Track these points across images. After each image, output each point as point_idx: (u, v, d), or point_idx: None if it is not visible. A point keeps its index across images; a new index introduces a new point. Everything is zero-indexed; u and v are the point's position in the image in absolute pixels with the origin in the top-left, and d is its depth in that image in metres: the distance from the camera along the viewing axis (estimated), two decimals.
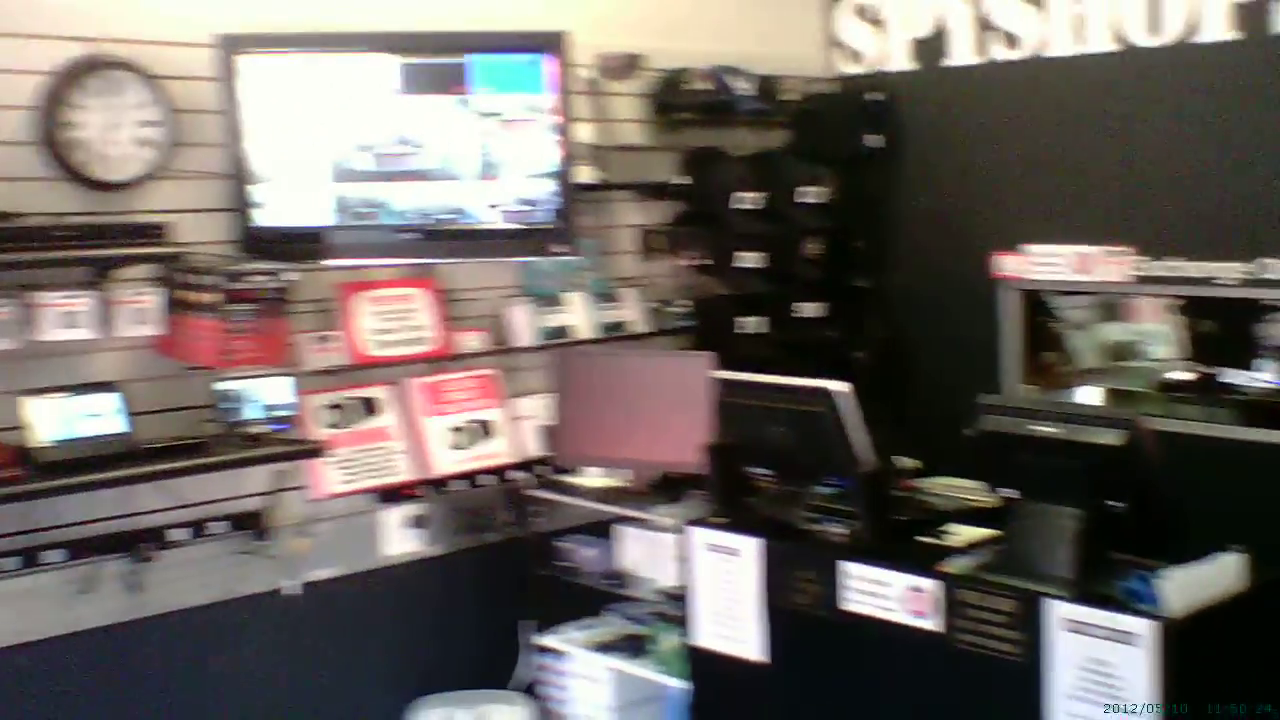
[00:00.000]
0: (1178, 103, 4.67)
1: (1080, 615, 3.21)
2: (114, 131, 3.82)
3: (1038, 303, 5.15)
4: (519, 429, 4.59)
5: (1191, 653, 3.12)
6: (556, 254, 4.34)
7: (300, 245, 4.09)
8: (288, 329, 4.00)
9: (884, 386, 5.27)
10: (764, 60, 5.20)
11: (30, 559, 3.72)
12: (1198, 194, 4.62)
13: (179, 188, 3.96)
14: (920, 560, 3.55)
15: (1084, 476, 3.36)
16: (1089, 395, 5.22)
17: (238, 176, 4.04)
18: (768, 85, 5.18)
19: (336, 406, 4.24)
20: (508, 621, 4.61)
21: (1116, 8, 4.79)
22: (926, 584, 3.47)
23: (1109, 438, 3.32)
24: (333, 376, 4.23)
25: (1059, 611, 3.24)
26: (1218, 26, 4.55)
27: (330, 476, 4.17)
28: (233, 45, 4.00)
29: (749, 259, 5.02)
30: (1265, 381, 4.74)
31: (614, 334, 4.81)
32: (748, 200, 5.00)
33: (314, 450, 4.00)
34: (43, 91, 3.70)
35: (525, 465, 4.59)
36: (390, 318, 4.33)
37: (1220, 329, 4.95)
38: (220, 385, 3.86)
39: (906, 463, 4.23)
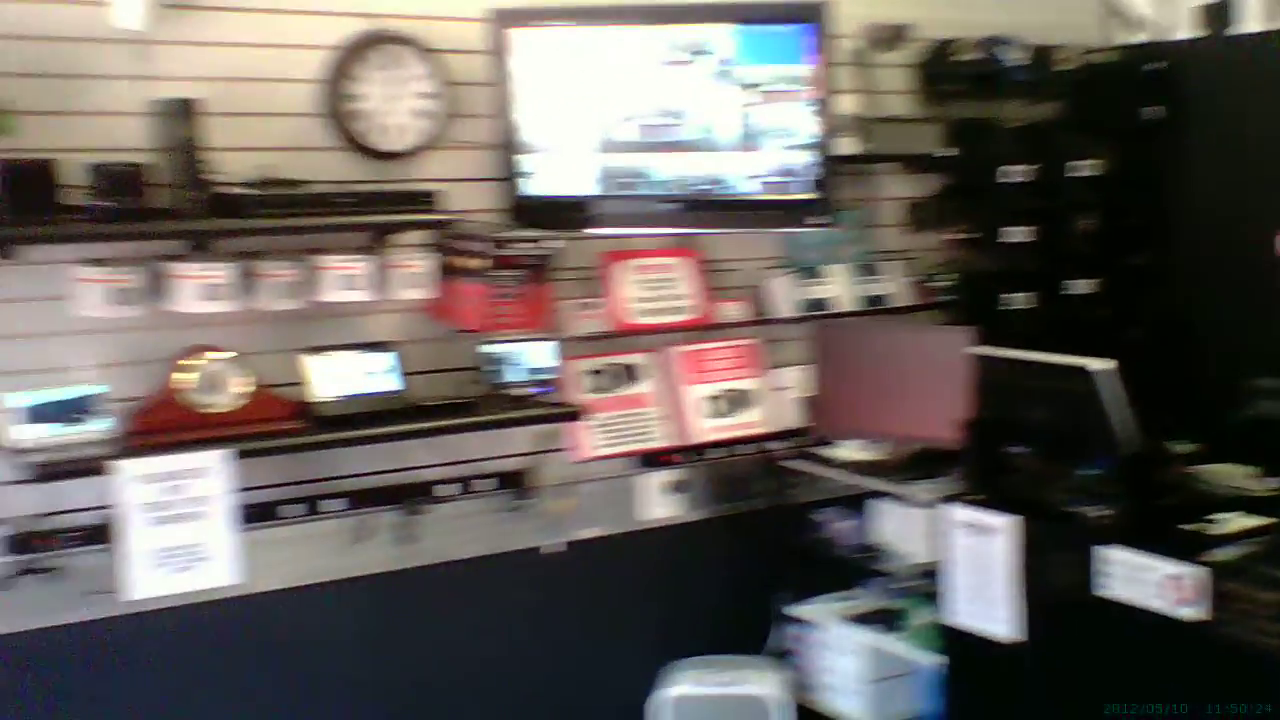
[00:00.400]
0: None
1: None
2: (393, 103, 3.98)
3: None
4: (777, 399, 4.62)
5: None
6: (814, 226, 4.31)
7: (565, 214, 4.19)
8: (552, 295, 4.11)
9: (1158, 368, 5.08)
10: (1038, 29, 5.06)
11: (311, 507, 3.95)
12: None
13: (452, 157, 4.11)
14: (1183, 547, 3.43)
15: None
16: None
17: (507, 147, 4.16)
18: (1041, 55, 5.03)
19: (598, 372, 4.35)
20: (762, 589, 4.65)
21: None
22: (1189, 572, 3.35)
23: None
24: (595, 342, 4.33)
25: None
26: None
27: (591, 440, 4.28)
28: (506, 19, 4.11)
29: (1017, 233, 4.90)
30: None
31: (875, 307, 4.77)
32: (1017, 173, 4.88)
33: (575, 413, 4.11)
34: (328, 65, 3.88)
35: (783, 435, 4.61)
36: (652, 286, 4.41)
37: None
38: (486, 348, 3.99)
39: (1178, 447, 4.09)
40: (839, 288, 4.72)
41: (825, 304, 4.68)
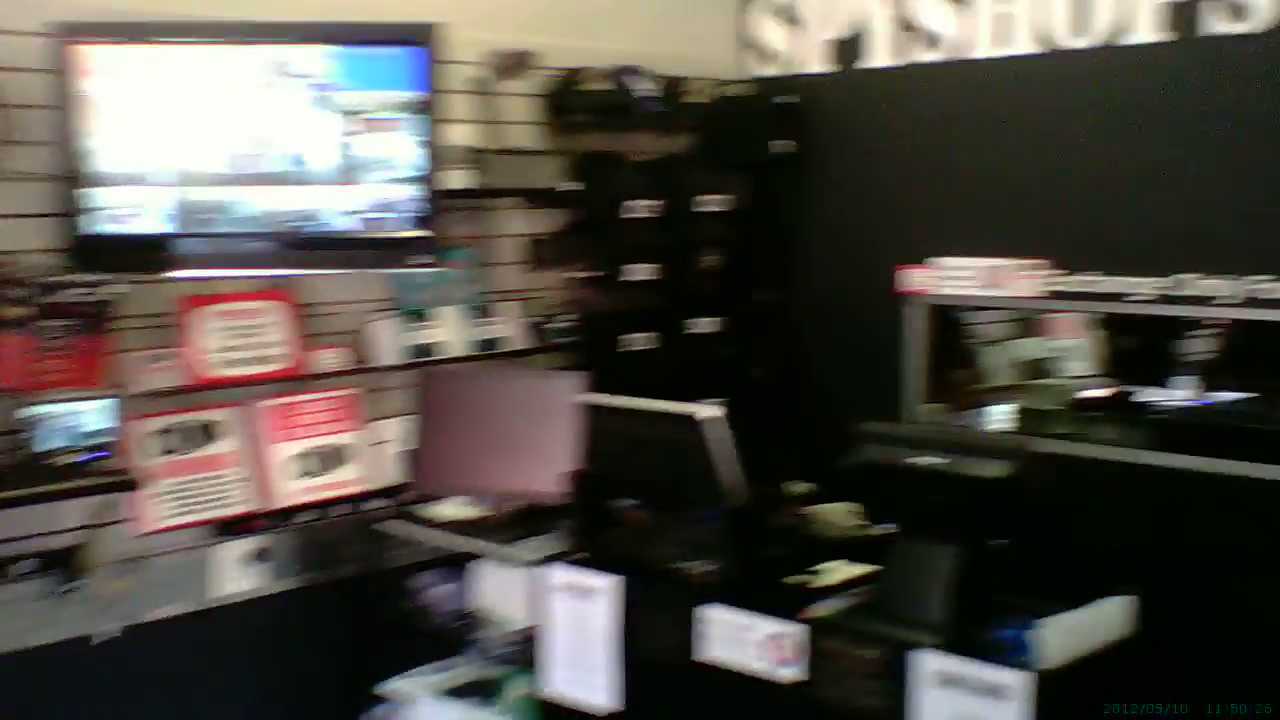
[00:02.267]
0: (1100, 108, 4.34)
1: (950, 667, 2.92)
2: None
3: (948, 318, 4.83)
4: (378, 455, 4.24)
5: (1065, 706, 2.83)
6: (418, 265, 3.98)
7: (137, 254, 3.73)
8: (111, 347, 3.65)
9: (782, 406, 4.97)
10: (672, 60, 4.90)
11: None
12: (1115, 205, 4.30)
13: (3, 190, 3.60)
14: (787, 603, 3.25)
15: (964, 512, 3.07)
16: (999, 414, 4.90)
17: (70, 179, 3.68)
18: (672, 86, 4.86)
19: (169, 432, 3.89)
20: (356, 663, 4.20)
21: (1042, 8, 4.48)
22: (789, 630, 3.16)
23: (992, 469, 3.03)
24: (169, 399, 3.87)
25: (927, 663, 2.94)
26: (1146, 28, 4.25)
27: (157, 509, 3.81)
28: (70, 34, 3.64)
29: (640, 271, 4.68)
30: (1181, 400, 4.44)
31: (488, 352, 4.45)
32: (641, 208, 4.66)
33: (130, 482, 3.62)
34: None
35: (383, 494, 4.21)
36: (236, 334, 3.97)
37: (1139, 345, 4.65)
38: (26, 410, 3.50)
39: (798, 488, 3.93)
40: (448, 331, 4.39)
41: (433, 349, 4.34)
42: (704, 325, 4.83)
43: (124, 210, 3.72)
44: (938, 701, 2.92)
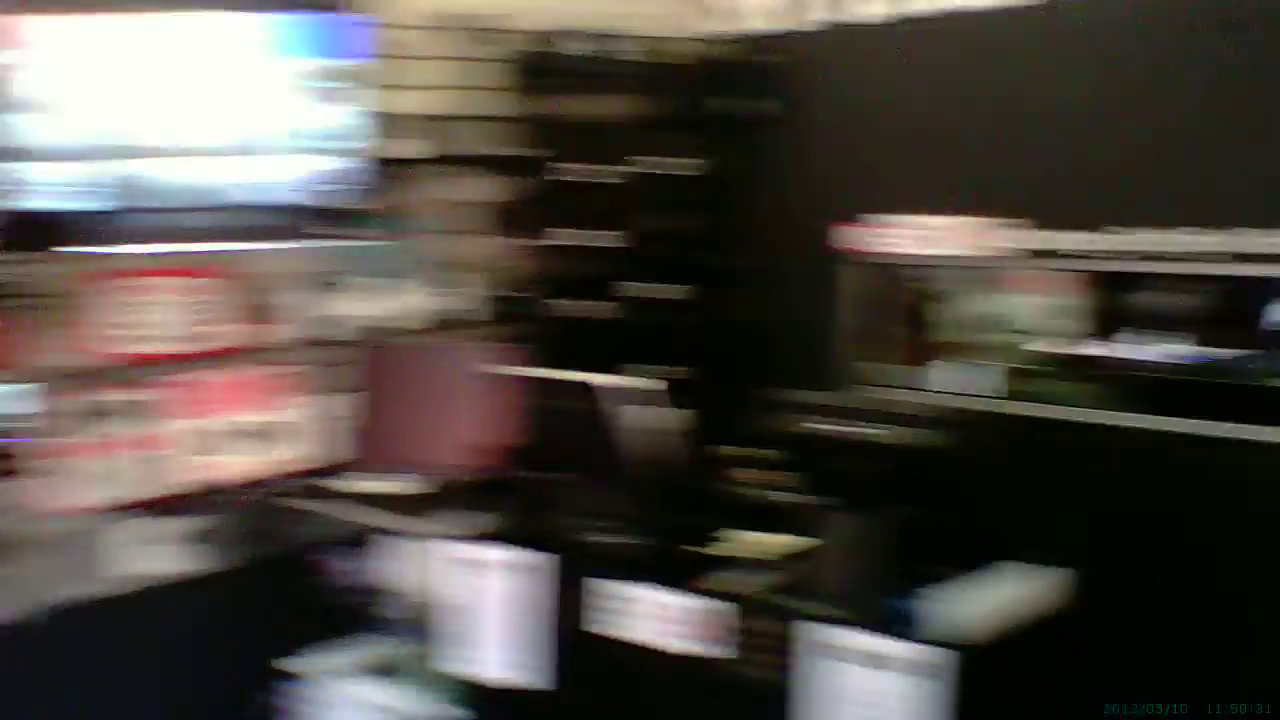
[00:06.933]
0: (1079, 60, 4.14)
1: (852, 641, 2.79)
2: None
3: (898, 277, 4.62)
4: (323, 431, 4.13)
5: (974, 685, 2.68)
6: (362, 237, 3.89)
7: (72, 230, 3.65)
8: (26, 327, 3.55)
9: (730, 373, 4.78)
10: (640, 21, 4.73)
11: None
12: (1098, 164, 4.08)
13: None
14: (699, 576, 3.12)
15: (876, 481, 2.94)
16: (953, 373, 4.62)
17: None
18: (640, 49, 4.69)
19: (93, 411, 3.74)
20: (268, 645, 4.05)
21: None
22: (698, 604, 3.04)
23: (907, 437, 2.89)
24: (93, 378, 3.74)
25: (831, 637, 2.81)
26: None
27: (69, 490, 3.67)
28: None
29: (598, 238, 4.53)
30: (1164, 358, 4.17)
31: (444, 324, 4.34)
32: (603, 174, 4.51)
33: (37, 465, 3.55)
34: None
35: (323, 472, 4.08)
36: (167, 310, 3.87)
37: (1109, 301, 4.37)
38: None
39: (735, 452, 3.73)
40: (402, 304, 4.29)
41: (381, 322, 4.23)
42: (665, 292, 4.65)
43: (49, 186, 3.64)
44: (842, 676, 2.80)
